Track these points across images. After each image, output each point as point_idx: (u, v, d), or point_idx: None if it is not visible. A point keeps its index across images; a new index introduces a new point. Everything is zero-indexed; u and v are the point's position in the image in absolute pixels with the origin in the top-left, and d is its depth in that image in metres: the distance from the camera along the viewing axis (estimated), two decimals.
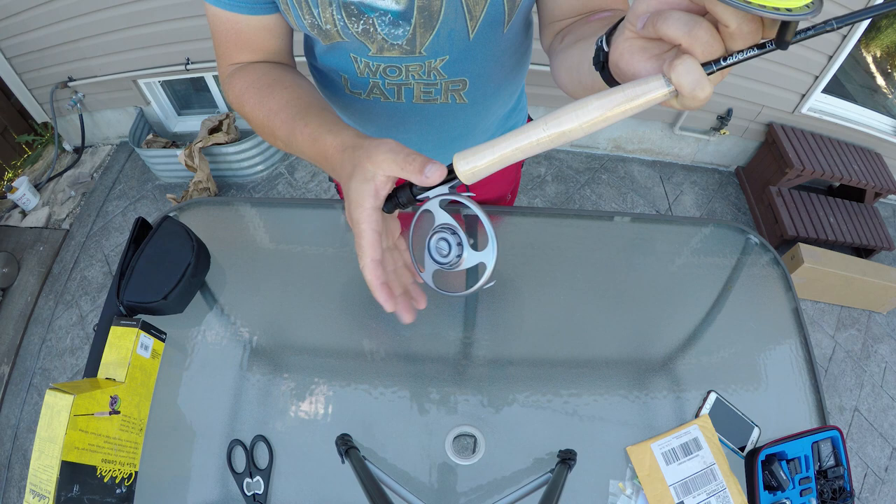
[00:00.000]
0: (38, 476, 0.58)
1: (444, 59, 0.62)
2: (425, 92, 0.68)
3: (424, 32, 0.58)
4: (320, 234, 0.95)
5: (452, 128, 0.76)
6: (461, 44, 0.61)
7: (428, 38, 0.59)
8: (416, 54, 0.61)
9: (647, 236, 0.98)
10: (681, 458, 0.72)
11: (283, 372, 0.78)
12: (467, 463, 0.72)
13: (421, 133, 0.76)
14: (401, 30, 0.58)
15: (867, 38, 2.44)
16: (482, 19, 0.58)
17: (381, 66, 0.63)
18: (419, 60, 0.62)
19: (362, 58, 0.62)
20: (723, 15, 0.32)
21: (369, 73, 0.65)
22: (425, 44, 0.60)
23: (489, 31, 0.61)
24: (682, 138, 2.64)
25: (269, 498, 0.70)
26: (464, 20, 0.58)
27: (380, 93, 0.68)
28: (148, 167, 2.62)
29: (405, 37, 0.59)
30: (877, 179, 2.44)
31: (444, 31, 0.59)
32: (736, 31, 0.32)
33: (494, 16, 0.59)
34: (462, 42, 0.61)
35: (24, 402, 1.98)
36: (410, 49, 0.60)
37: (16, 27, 2.32)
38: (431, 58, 0.62)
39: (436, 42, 0.60)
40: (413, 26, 0.57)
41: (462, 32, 0.59)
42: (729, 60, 0.35)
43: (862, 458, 1.99)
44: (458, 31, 0.59)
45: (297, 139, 0.54)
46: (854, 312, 2.38)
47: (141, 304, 0.76)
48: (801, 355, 0.84)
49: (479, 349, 0.83)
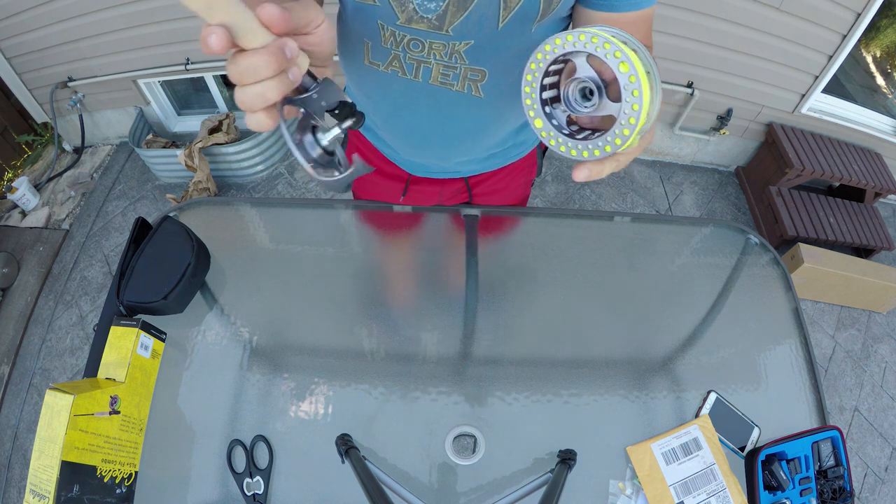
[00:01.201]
0: (38, 476, 0.58)
1: (469, 43, 0.63)
2: (443, 74, 0.67)
3: (456, 11, 0.59)
4: (320, 234, 0.95)
5: (463, 122, 0.76)
6: (489, 31, 0.61)
7: (458, 17, 0.59)
8: (443, 32, 0.61)
9: (647, 236, 0.98)
10: (681, 458, 0.72)
11: (283, 372, 0.78)
12: (467, 463, 0.72)
13: (431, 119, 0.75)
14: (434, 4, 0.58)
15: (867, 38, 2.44)
16: (515, 11, 0.59)
17: (406, 37, 0.63)
18: (444, 39, 0.62)
19: (389, 26, 0.62)
20: None
21: (393, 43, 0.65)
22: (454, 23, 0.60)
23: (518, 24, 0.61)
24: (682, 138, 2.64)
25: (269, 498, 0.70)
26: (497, 8, 0.58)
27: (399, 66, 0.68)
28: (148, 167, 2.62)
29: (436, 11, 0.59)
30: (877, 179, 2.44)
31: (476, 14, 0.59)
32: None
33: (528, 11, 0.59)
34: (490, 30, 0.61)
35: (24, 402, 1.98)
36: (438, 25, 0.60)
37: (16, 27, 2.32)
38: (457, 39, 0.62)
39: (465, 24, 0.60)
40: (447, 3, 0.58)
41: (492, 20, 0.60)
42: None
43: (862, 458, 1.99)
44: (488, 17, 0.59)
45: None
46: (854, 312, 2.38)
47: (141, 304, 0.76)
48: (801, 355, 0.84)
49: (478, 349, 0.83)
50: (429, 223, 0.99)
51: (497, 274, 0.92)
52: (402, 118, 0.77)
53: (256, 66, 0.36)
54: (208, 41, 0.33)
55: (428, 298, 0.89)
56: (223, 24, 0.33)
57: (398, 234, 1.02)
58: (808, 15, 2.04)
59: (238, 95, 0.38)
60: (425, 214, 0.99)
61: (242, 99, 0.38)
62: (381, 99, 0.76)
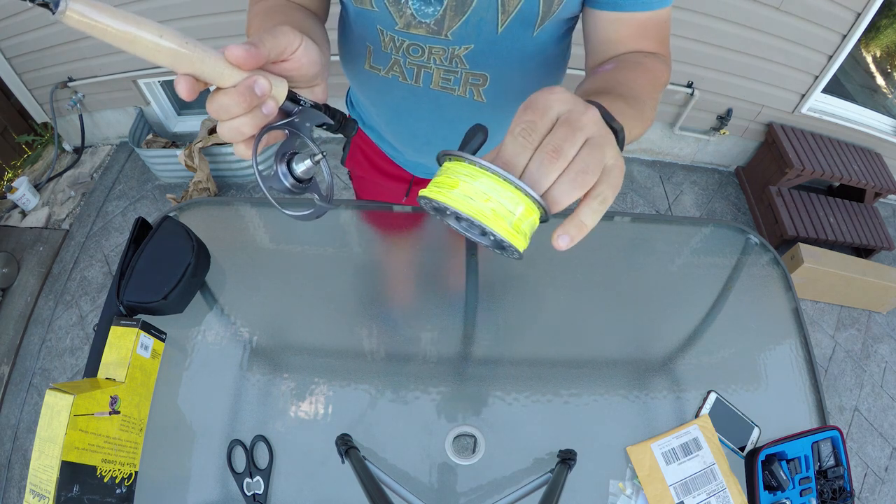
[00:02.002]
0: (38, 476, 0.58)
1: (469, 47, 0.62)
2: (444, 79, 0.67)
3: (454, 16, 0.58)
4: (320, 234, 0.95)
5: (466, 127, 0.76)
6: (488, 36, 0.61)
7: (457, 22, 0.59)
8: (442, 37, 0.61)
9: (647, 236, 0.98)
10: (681, 458, 0.72)
11: (283, 372, 0.78)
12: (467, 463, 0.72)
13: (432, 124, 0.75)
14: (431, 8, 0.58)
15: (867, 38, 2.44)
16: (514, 15, 0.58)
17: (405, 42, 0.63)
18: (443, 44, 0.62)
19: (388, 31, 0.62)
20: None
21: (393, 48, 0.64)
22: (453, 28, 0.60)
23: (518, 28, 0.60)
24: (682, 138, 2.64)
25: (269, 498, 0.70)
26: (495, 12, 0.58)
27: (399, 71, 0.68)
28: (148, 167, 2.62)
29: (434, 16, 0.59)
30: (877, 179, 2.44)
31: (474, 18, 0.59)
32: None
33: (527, 14, 0.58)
34: (490, 34, 0.61)
35: (24, 402, 1.98)
36: (437, 30, 0.60)
37: (16, 27, 2.31)
38: (456, 44, 0.62)
39: (464, 28, 0.60)
40: (444, 8, 0.58)
41: (491, 24, 0.59)
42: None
43: (862, 458, 1.99)
44: (487, 21, 0.59)
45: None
46: (854, 312, 2.38)
47: (141, 304, 0.76)
48: (801, 355, 0.84)
49: (479, 349, 0.83)
50: (429, 223, 0.99)
51: (497, 274, 0.92)
52: (405, 123, 0.77)
53: (228, 106, 0.37)
54: (177, 90, 0.35)
55: (428, 298, 0.89)
56: (190, 73, 0.35)
57: (398, 234, 1.02)
58: (808, 15, 2.04)
59: (219, 129, 0.40)
60: (425, 215, 0.99)
61: (222, 132, 0.39)
62: (383, 104, 0.76)
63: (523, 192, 0.34)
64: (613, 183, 0.36)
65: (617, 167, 0.36)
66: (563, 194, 0.35)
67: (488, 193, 0.34)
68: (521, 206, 0.34)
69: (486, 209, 0.34)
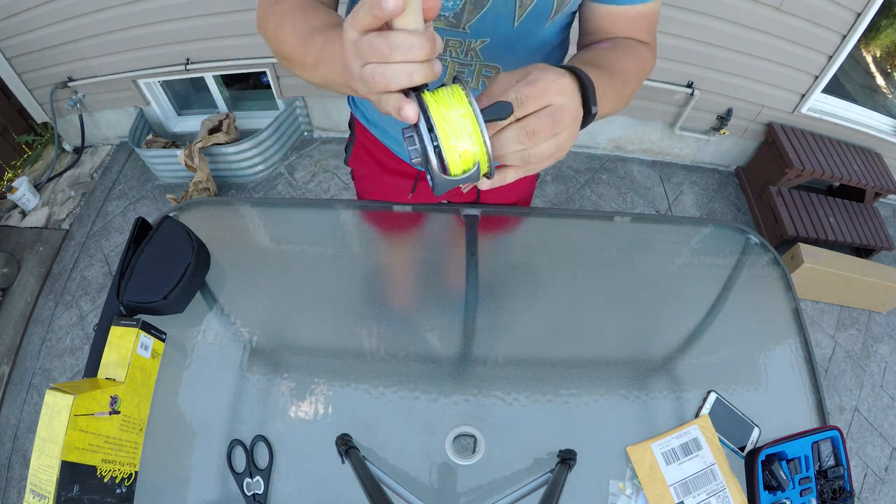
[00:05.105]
0: (38, 476, 0.58)
1: (485, 41, 0.63)
2: (458, 71, 0.68)
3: (473, 10, 0.59)
4: (320, 234, 0.95)
5: None
6: (504, 29, 0.62)
7: (475, 16, 0.60)
8: (460, 30, 0.62)
9: (647, 236, 0.98)
10: (681, 458, 0.72)
11: (283, 372, 0.78)
12: (467, 463, 0.72)
13: None
14: (451, 2, 0.59)
15: (867, 38, 2.44)
16: (530, 9, 0.60)
17: None
18: (460, 37, 0.63)
19: None
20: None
21: None
22: (471, 21, 0.61)
23: (533, 22, 0.62)
24: (682, 138, 2.64)
25: (269, 498, 0.70)
26: (513, 6, 0.59)
27: None
28: (148, 167, 2.62)
29: (454, 10, 0.59)
30: (877, 179, 2.44)
31: (492, 12, 0.60)
32: None
33: (542, 8, 0.60)
34: (506, 28, 0.62)
35: (24, 402, 1.98)
36: (455, 23, 0.61)
37: (16, 27, 2.31)
38: (473, 37, 0.63)
39: (481, 22, 0.61)
40: (464, 1, 0.58)
41: (508, 18, 0.61)
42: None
43: (862, 458, 1.99)
44: (504, 15, 0.60)
45: (325, 51, 0.48)
46: (854, 312, 2.38)
47: (141, 304, 0.76)
48: (801, 355, 0.84)
49: (478, 349, 0.83)
50: (429, 223, 0.99)
51: (497, 274, 0.92)
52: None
53: (412, 46, 0.35)
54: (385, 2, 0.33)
55: (428, 298, 0.89)
56: None
57: (398, 234, 1.02)
58: (808, 15, 2.04)
59: (374, 69, 0.36)
60: (425, 214, 0.99)
61: (383, 73, 0.36)
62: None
63: (482, 136, 0.40)
64: (544, 165, 0.45)
65: (557, 157, 0.44)
66: (509, 159, 0.44)
67: (464, 119, 0.39)
68: (477, 145, 0.40)
69: (453, 124, 0.39)
